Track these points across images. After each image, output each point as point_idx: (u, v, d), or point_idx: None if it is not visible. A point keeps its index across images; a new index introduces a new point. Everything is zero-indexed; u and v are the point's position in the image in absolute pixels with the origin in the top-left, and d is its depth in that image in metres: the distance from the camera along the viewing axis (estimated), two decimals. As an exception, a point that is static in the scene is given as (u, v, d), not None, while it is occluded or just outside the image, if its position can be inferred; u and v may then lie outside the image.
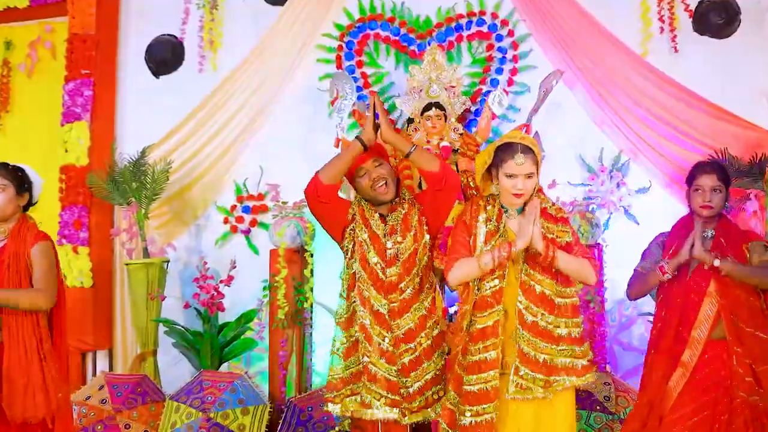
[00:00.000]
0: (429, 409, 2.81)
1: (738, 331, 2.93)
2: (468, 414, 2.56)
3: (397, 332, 2.79)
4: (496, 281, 2.60)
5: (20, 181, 3.14)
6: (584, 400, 3.92)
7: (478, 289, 2.63)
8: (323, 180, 2.83)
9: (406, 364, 2.78)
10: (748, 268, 3.00)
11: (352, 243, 2.89)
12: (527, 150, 2.63)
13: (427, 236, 2.91)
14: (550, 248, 2.56)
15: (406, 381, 2.78)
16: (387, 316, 2.80)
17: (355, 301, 2.86)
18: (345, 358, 2.88)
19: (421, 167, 2.88)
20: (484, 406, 2.55)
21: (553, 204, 2.77)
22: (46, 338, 3.03)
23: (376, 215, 2.91)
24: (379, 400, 2.76)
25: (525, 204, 2.69)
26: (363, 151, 2.84)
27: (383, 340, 2.78)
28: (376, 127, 2.86)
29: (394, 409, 2.76)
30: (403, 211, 2.91)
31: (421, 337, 2.81)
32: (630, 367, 4.49)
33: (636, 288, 3.21)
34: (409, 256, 2.84)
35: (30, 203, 3.22)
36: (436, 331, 2.86)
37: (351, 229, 2.91)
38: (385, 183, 2.88)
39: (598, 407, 3.90)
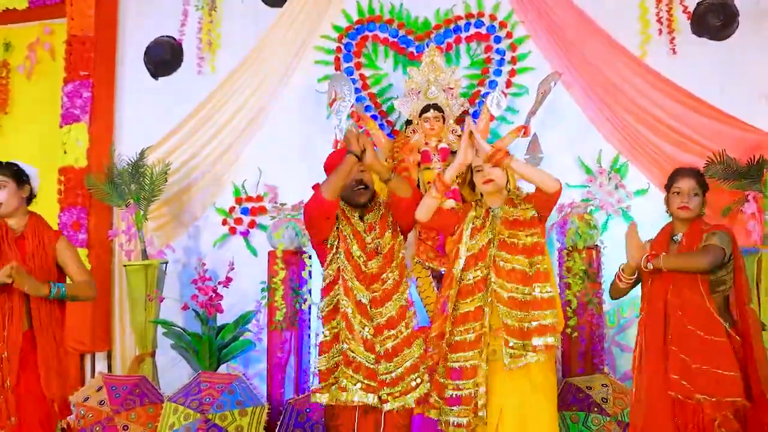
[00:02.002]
0: (408, 396, 2.97)
1: (681, 329, 2.99)
2: (450, 388, 2.93)
3: (379, 320, 2.98)
4: (479, 272, 2.96)
5: (18, 175, 3.27)
6: (582, 401, 3.93)
7: (461, 279, 2.97)
8: (327, 197, 2.97)
9: (389, 349, 2.97)
10: (674, 257, 3.06)
11: (337, 239, 3.08)
12: None
13: (401, 236, 3.17)
14: (500, 150, 2.91)
15: (389, 366, 2.96)
16: (369, 306, 2.99)
17: (338, 294, 3.02)
18: (328, 350, 3.03)
19: (396, 193, 3.07)
20: (464, 381, 2.90)
21: (519, 194, 3.11)
22: (60, 328, 3.26)
23: (356, 214, 3.15)
24: (355, 384, 2.93)
25: (507, 200, 3.07)
26: (358, 162, 2.99)
27: (363, 329, 2.96)
28: (362, 149, 3.00)
29: (370, 395, 2.93)
30: (381, 211, 3.16)
31: (402, 325, 3.01)
32: (628, 369, 4.47)
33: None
34: (389, 250, 3.08)
35: (31, 196, 3.35)
36: (414, 322, 3.10)
37: (336, 228, 3.10)
38: (365, 188, 3.12)
39: (595, 409, 3.90)
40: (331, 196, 2.97)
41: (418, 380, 3.00)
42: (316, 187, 3.08)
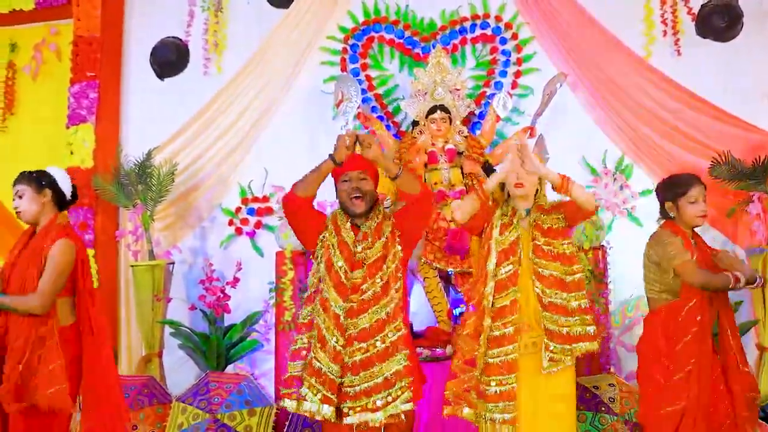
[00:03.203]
0: (374, 414, 2.79)
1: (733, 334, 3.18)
2: (493, 384, 2.96)
3: (351, 331, 2.85)
4: (510, 266, 3.03)
5: (36, 181, 3.22)
6: (589, 401, 3.96)
7: (495, 275, 3.03)
8: (298, 194, 2.96)
9: (357, 362, 2.82)
10: None
11: (322, 248, 3.00)
12: None
13: (399, 247, 2.99)
14: (565, 178, 2.98)
15: (354, 379, 2.82)
16: (342, 318, 2.86)
17: (317, 303, 2.95)
18: (303, 358, 2.94)
19: (406, 190, 2.99)
20: (507, 376, 2.95)
21: (548, 202, 3.21)
22: (50, 335, 3.05)
23: (348, 224, 3.02)
24: (316, 395, 2.81)
25: (534, 206, 3.15)
26: (335, 166, 2.95)
27: (333, 339, 2.84)
28: (350, 147, 2.96)
29: (325, 406, 2.80)
30: (377, 220, 3.01)
31: (376, 339, 2.85)
32: (634, 369, 4.49)
33: (705, 280, 3.10)
34: (375, 261, 2.93)
35: (63, 200, 3.28)
36: (395, 337, 2.87)
37: (323, 237, 3.02)
38: (361, 198, 2.98)
39: (603, 408, 3.93)
40: (302, 192, 2.95)
41: (389, 398, 2.79)
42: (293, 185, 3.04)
